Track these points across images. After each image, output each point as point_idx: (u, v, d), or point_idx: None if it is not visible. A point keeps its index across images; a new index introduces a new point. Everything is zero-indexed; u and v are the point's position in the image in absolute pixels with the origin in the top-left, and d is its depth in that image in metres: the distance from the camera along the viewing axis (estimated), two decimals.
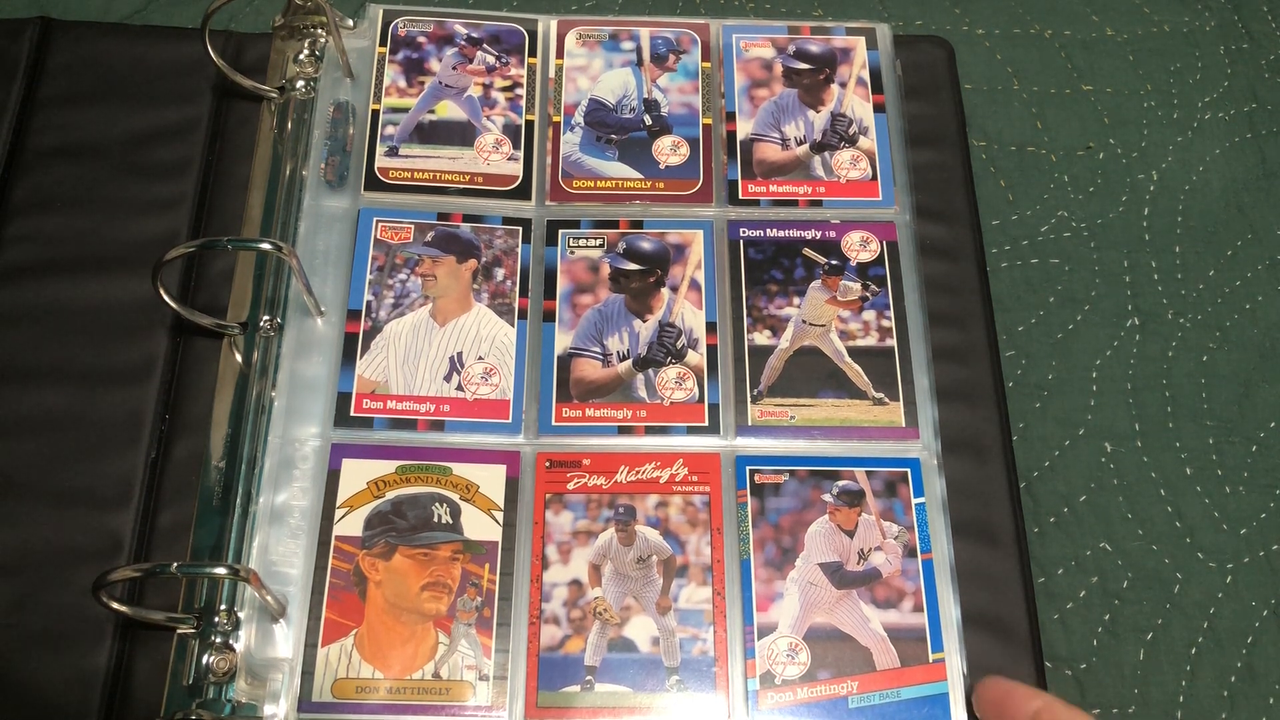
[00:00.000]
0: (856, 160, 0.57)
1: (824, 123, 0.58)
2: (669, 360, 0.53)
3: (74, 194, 0.56)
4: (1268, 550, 0.54)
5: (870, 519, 0.50)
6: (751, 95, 0.59)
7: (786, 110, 0.59)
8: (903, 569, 0.49)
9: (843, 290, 0.54)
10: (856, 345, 0.53)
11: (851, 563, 0.49)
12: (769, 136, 0.58)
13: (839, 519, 0.50)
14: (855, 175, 0.57)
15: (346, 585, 0.48)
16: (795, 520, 0.50)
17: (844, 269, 0.55)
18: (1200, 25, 0.67)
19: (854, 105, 0.59)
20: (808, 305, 0.54)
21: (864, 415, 0.52)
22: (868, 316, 0.54)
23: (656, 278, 0.55)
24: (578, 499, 0.50)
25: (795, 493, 0.50)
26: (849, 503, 0.50)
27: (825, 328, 0.54)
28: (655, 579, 0.49)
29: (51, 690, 0.47)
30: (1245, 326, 0.59)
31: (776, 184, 0.57)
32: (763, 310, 0.54)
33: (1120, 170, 0.63)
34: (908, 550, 0.49)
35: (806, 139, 0.58)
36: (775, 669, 0.47)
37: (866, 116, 0.58)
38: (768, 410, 0.52)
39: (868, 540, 0.49)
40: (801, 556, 0.49)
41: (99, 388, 0.52)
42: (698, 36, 0.61)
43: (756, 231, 0.56)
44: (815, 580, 0.49)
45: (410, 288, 0.54)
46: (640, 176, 0.57)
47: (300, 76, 0.58)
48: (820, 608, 0.48)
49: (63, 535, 0.50)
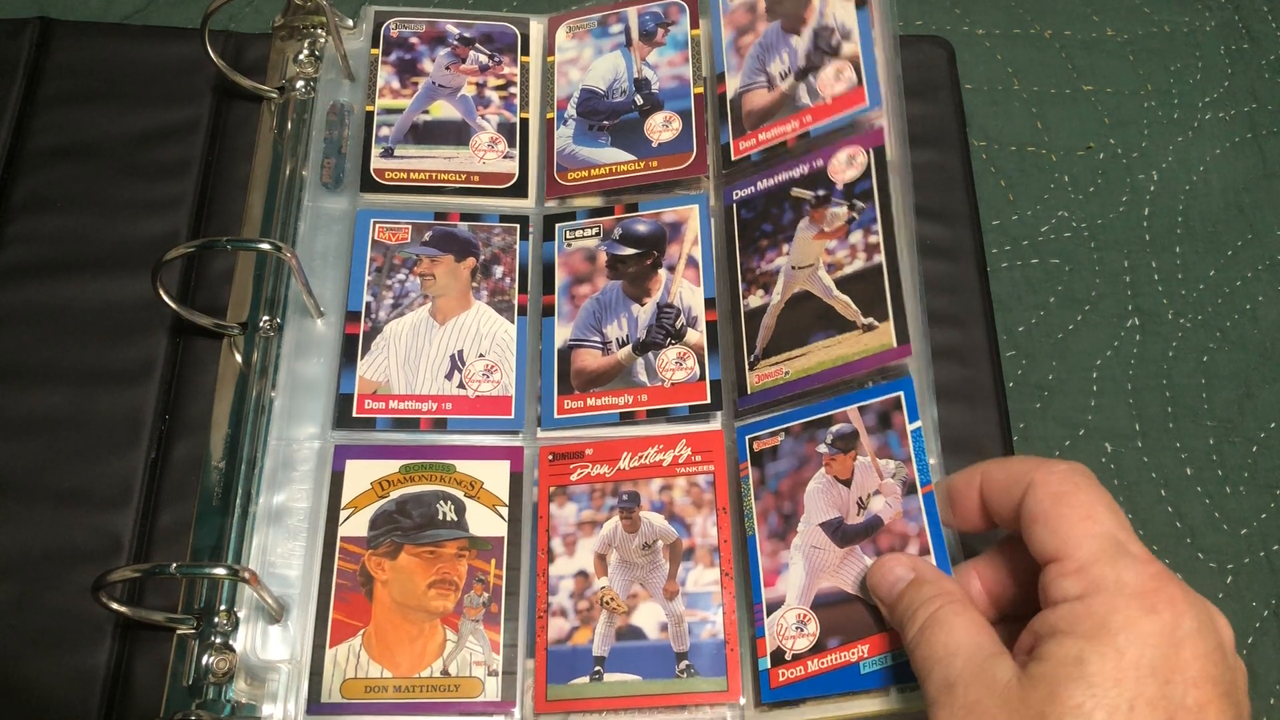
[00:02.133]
0: (840, 71, 0.54)
1: (807, 44, 0.55)
2: (669, 341, 0.53)
3: (74, 194, 0.56)
4: (1268, 551, 0.54)
5: (866, 461, 0.47)
6: (738, 47, 0.57)
7: (770, 47, 0.56)
8: (904, 509, 0.45)
9: (829, 219, 0.51)
10: (845, 274, 0.50)
11: (851, 515, 0.46)
12: (756, 83, 0.56)
13: (835, 469, 0.47)
14: (840, 88, 0.54)
15: (353, 585, 0.48)
16: (794, 481, 0.48)
17: (831, 196, 0.52)
18: (1200, 25, 0.67)
19: (835, 11, 0.55)
20: (795, 248, 0.52)
21: (854, 347, 0.49)
22: (855, 239, 0.51)
23: (654, 259, 0.54)
24: (581, 490, 0.50)
25: (791, 451, 0.48)
26: (843, 448, 0.47)
27: (813, 267, 0.51)
28: (662, 564, 0.49)
29: (51, 690, 0.47)
30: (1245, 326, 0.59)
31: (765, 130, 0.55)
32: (756, 269, 0.52)
33: (1120, 170, 0.63)
34: (907, 487, 0.46)
35: (791, 69, 0.55)
36: (785, 645, 0.45)
37: (849, 19, 0.55)
38: (764, 373, 0.50)
39: (865, 486, 0.47)
40: (803, 520, 0.47)
41: (99, 388, 0.52)
42: (686, 5, 0.60)
43: (747, 190, 0.54)
44: (818, 543, 0.46)
45: (409, 287, 0.54)
46: (633, 158, 0.56)
47: (300, 77, 0.58)
48: (825, 571, 0.46)
49: (62, 535, 0.50)
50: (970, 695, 0.36)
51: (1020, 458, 0.43)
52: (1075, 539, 0.38)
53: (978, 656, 0.37)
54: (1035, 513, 0.40)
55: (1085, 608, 0.36)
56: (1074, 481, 0.40)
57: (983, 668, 0.37)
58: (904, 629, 0.41)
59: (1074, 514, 0.39)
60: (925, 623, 0.39)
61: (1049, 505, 0.39)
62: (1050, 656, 0.36)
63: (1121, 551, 0.38)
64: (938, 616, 0.39)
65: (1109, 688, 0.35)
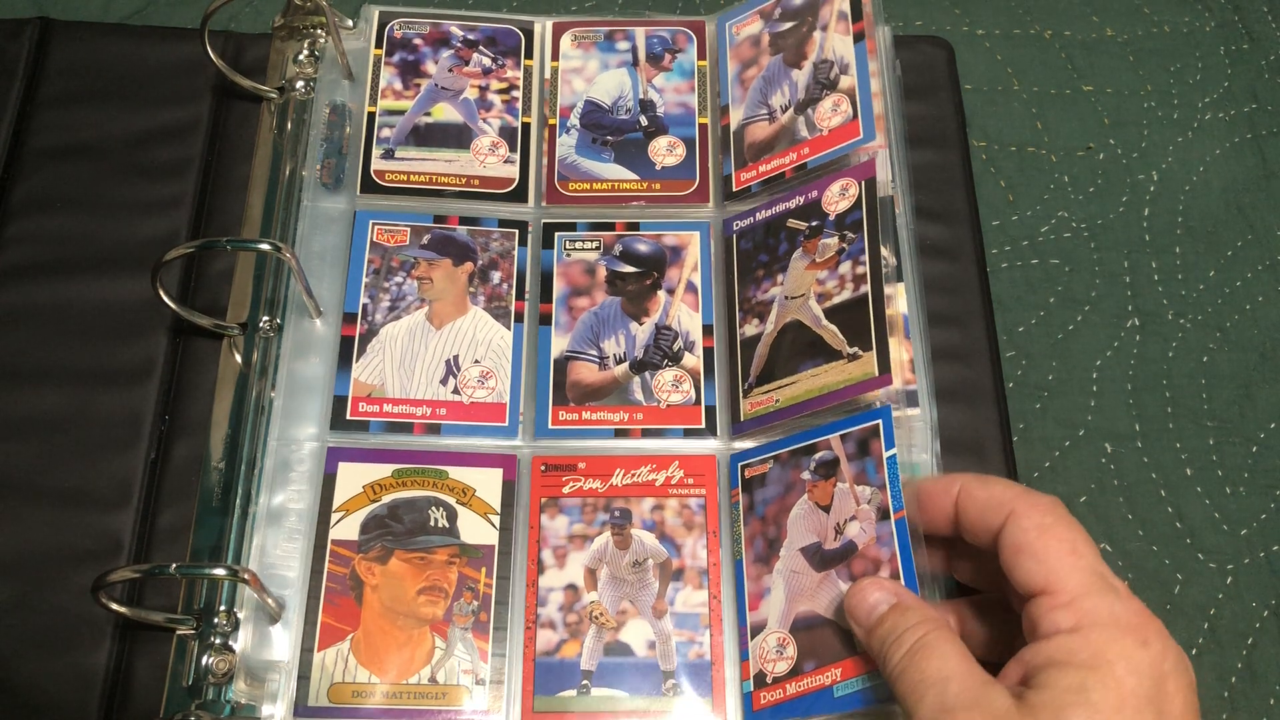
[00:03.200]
0: (837, 104, 0.55)
1: (807, 78, 0.56)
2: (665, 363, 0.53)
3: (74, 194, 0.56)
4: (1268, 551, 0.54)
5: (844, 488, 0.48)
6: (743, 80, 0.58)
7: (773, 80, 0.57)
8: (877, 535, 0.46)
9: (821, 250, 0.53)
10: (833, 303, 0.51)
11: (829, 540, 0.47)
12: (758, 115, 0.57)
13: (816, 495, 0.48)
14: (836, 121, 0.55)
15: (343, 589, 0.48)
16: (779, 508, 0.49)
17: (823, 228, 0.53)
18: (1200, 25, 0.67)
19: (834, 45, 0.56)
20: (789, 279, 0.53)
21: (840, 376, 0.50)
22: (844, 270, 0.52)
23: (653, 280, 0.55)
24: (573, 503, 0.50)
25: (778, 478, 0.49)
26: (825, 475, 0.48)
27: (804, 297, 0.52)
28: (651, 583, 0.49)
29: (51, 690, 0.47)
30: (1245, 326, 0.59)
31: (765, 162, 0.56)
32: (752, 299, 0.53)
33: (1120, 170, 0.63)
34: (881, 513, 0.46)
35: (791, 102, 0.57)
36: (766, 668, 0.46)
37: (847, 52, 0.56)
38: (756, 401, 0.51)
39: (843, 512, 0.47)
40: (785, 545, 0.48)
41: (99, 388, 0.53)
42: (693, 34, 0.60)
43: (746, 220, 0.55)
44: (798, 568, 0.47)
45: (406, 290, 0.54)
46: (636, 177, 0.57)
47: (300, 77, 0.58)
48: (804, 595, 0.47)
49: (62, 535, 0.50)
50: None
51: (1000, 481, 0.44)
52: (1063, 572, 0.39)
53: (972, 683, 0.38)
54: (1020, 543, 0.41)
55: (1082, 639, 0.38)
56: (1055, 514, 0.41)
57: (979, 694, 0.37)
58: (885, 654, 0.41)
59: (1060, 547, 0.40)
60: (913, 648, 0.40)
61: (1034, 537, 0.40)
62: (1051, 685, 0.37)
63: (1108, 586, 0.39)
64: (926, 641, 0.40)
65: (1111, 714, 0.36)
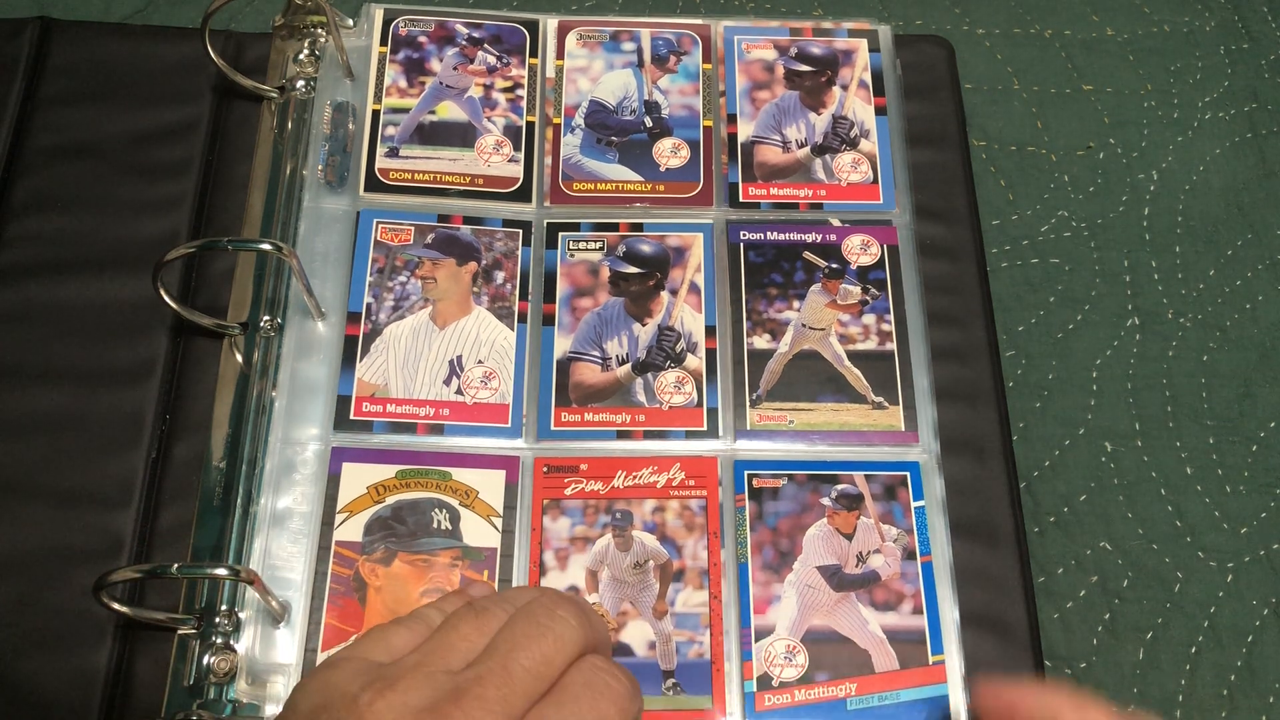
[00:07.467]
0: (858, 163, 0.57)
1: (825, 125, 0.58)
2: (668, 364, 0.53)
3: (74, 194, 0.56)
4: (1268, 549, 0.54)
5: (869, 522, 0.50)
6: (753, 97, 0.59)
7: (788, 112, 0.59)
8: (902, 571, 0.49)
9: (843, 294, 0.54)
10: (856, 349, 0.53)
11: (850, 566, 0.49)
12: (770, 139, 0.58)
13: (837, 522, 0.50)
14: (856, 178, 0.57)
15: (346, 590, 0.48)
16: (794, 524, 0.50)
17: (844, 272, 0.55)
18: (1200, 25, 0.67)
19: (855, 108, 0.59)
20: (808, 309, 0.54)
21: (863, 419, 0.52)
22: (868, 320, 0.54)
23: (656, 281, 0.55)
24: (575, 504, 0.50)
25: (794, 496, 0.50)
26: (847, 506, 0.50)
27: (825, 331, 0.54)
28: (652, 584, 0.49)
29: (51, 690, 0.47)
30: (1245, 326, 0.59)
31: (777, 187, 0.57)
32: (762, 314, 0.54)
33: (1120, 170, 0.63)
34: (906, 553, 0.49)
35: (808, 141, 0.58)
36: (773, 671, 0.47)
37: (868, 119, 0.58)
38: (766, 414, 0.52)
39: (866, 543, 0.49)
40: (799, 559, 0.49)
41: (99, 388, 0.52)
42: (699, 37, 0.60)
43: (757, 235, 0.56)
44: (813, 583, 0.49)
45: (410, 290, 0.54)
46: (640, 179, 0.57)
47: (300, 76, 0.58)
48: (819, 610, 0.48)
49: (63, 535, 0.50)
50: None
51: (1050, 689, 0.44)
52: None
53: None
54: None
55: None
56: None
57: None
58: None
59: None
60: None
61: None
62: None
63: None
64: None
65: None
